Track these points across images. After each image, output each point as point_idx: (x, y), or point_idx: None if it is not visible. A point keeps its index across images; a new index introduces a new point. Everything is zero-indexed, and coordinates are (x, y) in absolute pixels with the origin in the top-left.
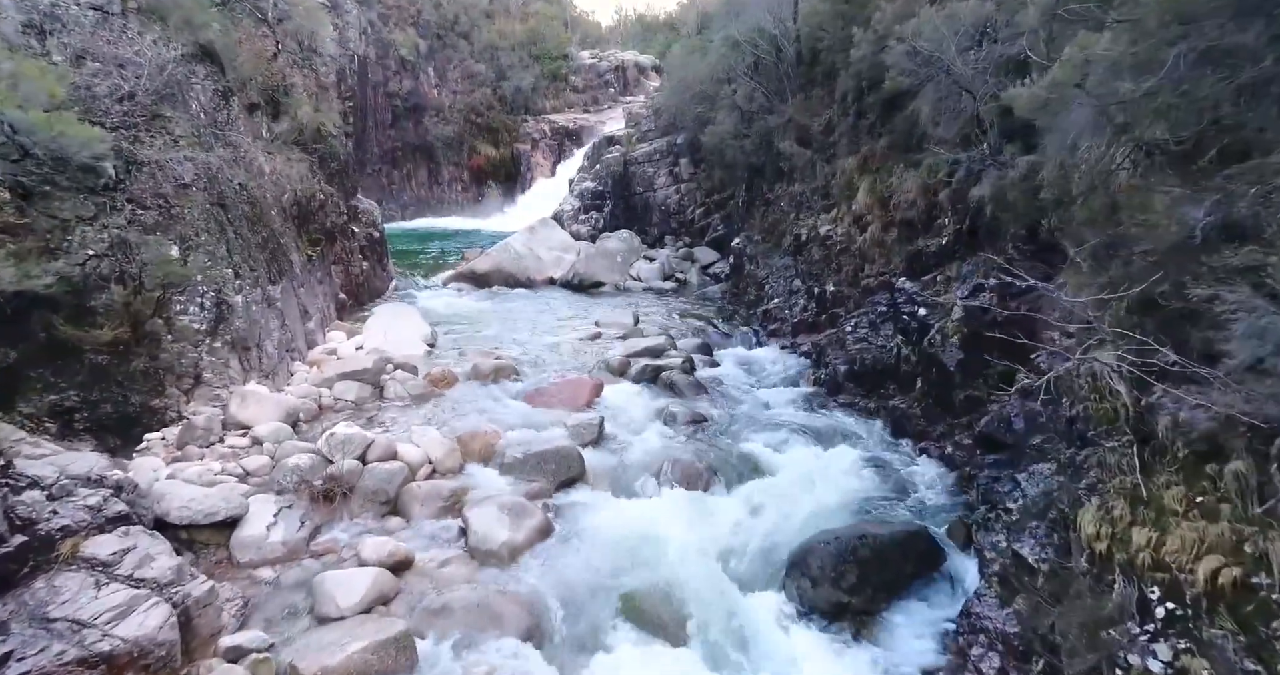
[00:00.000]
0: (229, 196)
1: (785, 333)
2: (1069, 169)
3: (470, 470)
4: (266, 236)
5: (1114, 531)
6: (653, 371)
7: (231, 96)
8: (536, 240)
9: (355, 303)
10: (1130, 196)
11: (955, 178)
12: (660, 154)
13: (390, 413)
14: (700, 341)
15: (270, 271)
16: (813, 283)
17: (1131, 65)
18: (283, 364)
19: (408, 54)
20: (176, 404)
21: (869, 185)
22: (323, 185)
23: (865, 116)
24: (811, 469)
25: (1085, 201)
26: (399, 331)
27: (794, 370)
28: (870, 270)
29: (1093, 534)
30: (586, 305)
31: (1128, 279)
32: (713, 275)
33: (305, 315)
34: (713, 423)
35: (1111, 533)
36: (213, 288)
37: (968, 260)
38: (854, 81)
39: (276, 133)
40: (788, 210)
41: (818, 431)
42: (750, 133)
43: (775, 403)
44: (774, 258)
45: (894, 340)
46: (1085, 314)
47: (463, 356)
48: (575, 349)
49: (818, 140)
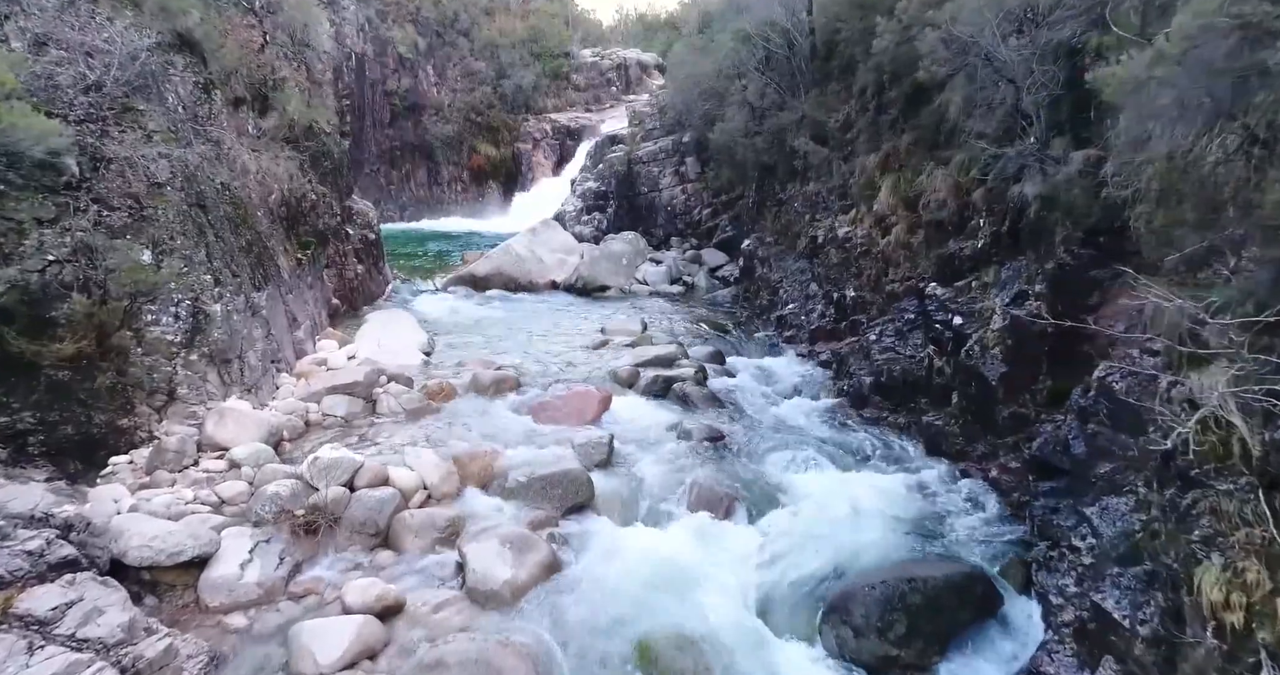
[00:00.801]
0: (209, 196)
1: (802, 340)
2: (1154, 162)
3: (469, 496)
4: (251, 239)
5: (1250, 601)
6: (664, 383)
7: (213, 89)
8: (538, 242)
9: (349, 308)
10: (1241, 192)
11: (991, 175)
12: (665, 153)
13: (383, 430)
14: (712, 349)
15: (255, 277)
16: (831, 287)
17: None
18: (267, 377)
19: (406, 51)
20: (147, 423)
21: (892, 184)
22: (314, 185)
23: (886, 112)
24: (842, 493)
25: (1176, 200)
26: (394, 340)
27: (813, 381)
28: (895, 274)
29: (1220, 601)
30: (591, 310)
31: (1250, 291)
32: (721, 278)
33: (294, 323)
34: (731, 440)
35: (1247, 602)
36: (189, 295)
37: (1007, 264)
38: (874, 75)
39: (264, 129)
40: (802, 211)
41: (845, 450)
42: (762, 130)
43: (796, 417)
44: (787, 260)
45: (925, 350)
46: (1181, 328)
47: (461, 367)
48: (581, 358)
49: (834, 137)
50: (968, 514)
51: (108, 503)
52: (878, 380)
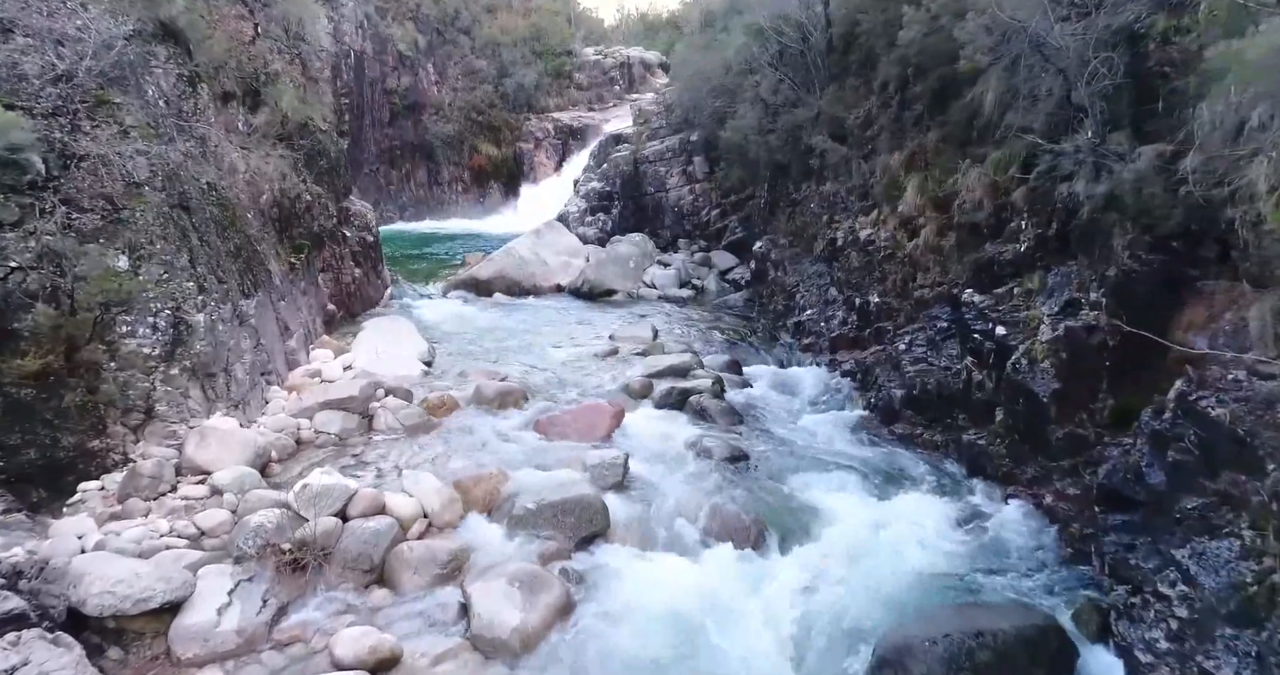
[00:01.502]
0: (193, 197)
1: (822, 348)
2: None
3: (472, 524)
4: (240, 243)
5: None
6: (679, 395)
7: (199, 83)
8: (543, 244)
9: (346, 314)
10: None
11: (1034, 174)
12: (672, 152)
13: (379, 449)
14: (728, 358)
15: (243, 283)
16: (852, 293)
17: None
18: (256, 391)
19: (406, 49)
20: (121, 445)
21: (918, 184)
22: (309, 185)
23: (911, 107)
24: (881, 520)
25: None
26: (392, 349)
27: (837, 392)
28: (924, 280)
29: None
30: (598, 315)
31: None
32: (732, 281)
33: (285, 332)
34: (754, 459)
35: None
36: (169, 304)
37: (1054, 270)
38: (898, 69)
39: (255, 126)
40: (819, 212)
41: (879, 470)
42: (775, 128)
43: (822, 433)
44: (803, 263)
45: (962, 362)
46: None
47: (464, 378)
48: (590, 367)
49: (854, 135)
50: (1022, 546)
51: (70, 539)
52: (910, 393)
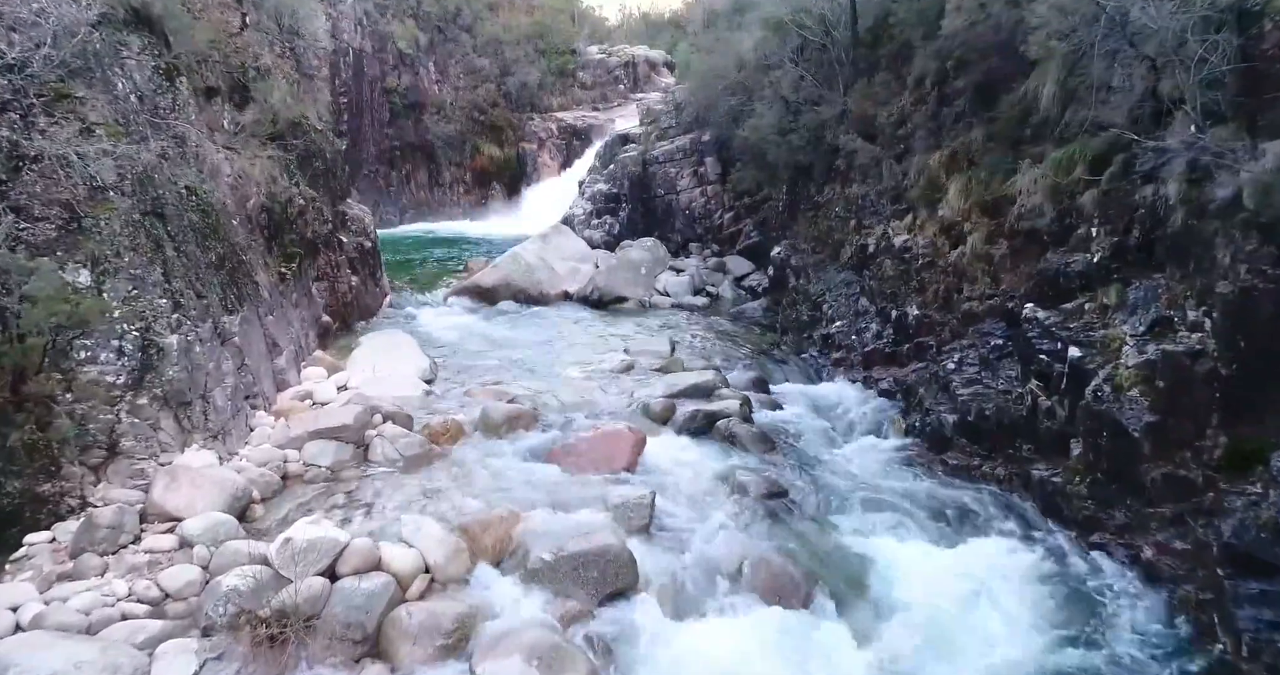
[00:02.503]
0: (169, 203)
1: (854, 364)
2: None
3: (482, 577)
4: (223, 253)
5: None
6: (705, 419)
7: (178, 76)
8: (549, 249)
9: (342, 325)
10: None
11: (1107, 175)
12: (683, 153)
13: (376, 484)
14: (754, 375)
15: (226, 298)
16: (887, 304)
17: None
18: (239, 418)
19: (406, 47)
20: (78, 488)
21: (961, 186)
22: (302, 188)
23: (951, 103)
24: (950, 572)
25: None
26: (391, 366)
27: (875, 414)
28: (972, 291)
29: None
30: (610, 325)
31: None
32: (749, 289)
33: (274, 350)
34: (795, 495)
35: None
36: (137, 325)
37: (1137, 284)
38: (936, 62)
39: (242, 124)
40: (845, 216)
41: (937, 509)
42: (797, 127)
43: (865, 462)
44: (829, 271)
45: (1025, 386)
46: None
47: (469, 398)
48: (604, 385)
49: (884, 134)
50: (1123, 612)
51: (2, 613)
52: (963, 419)
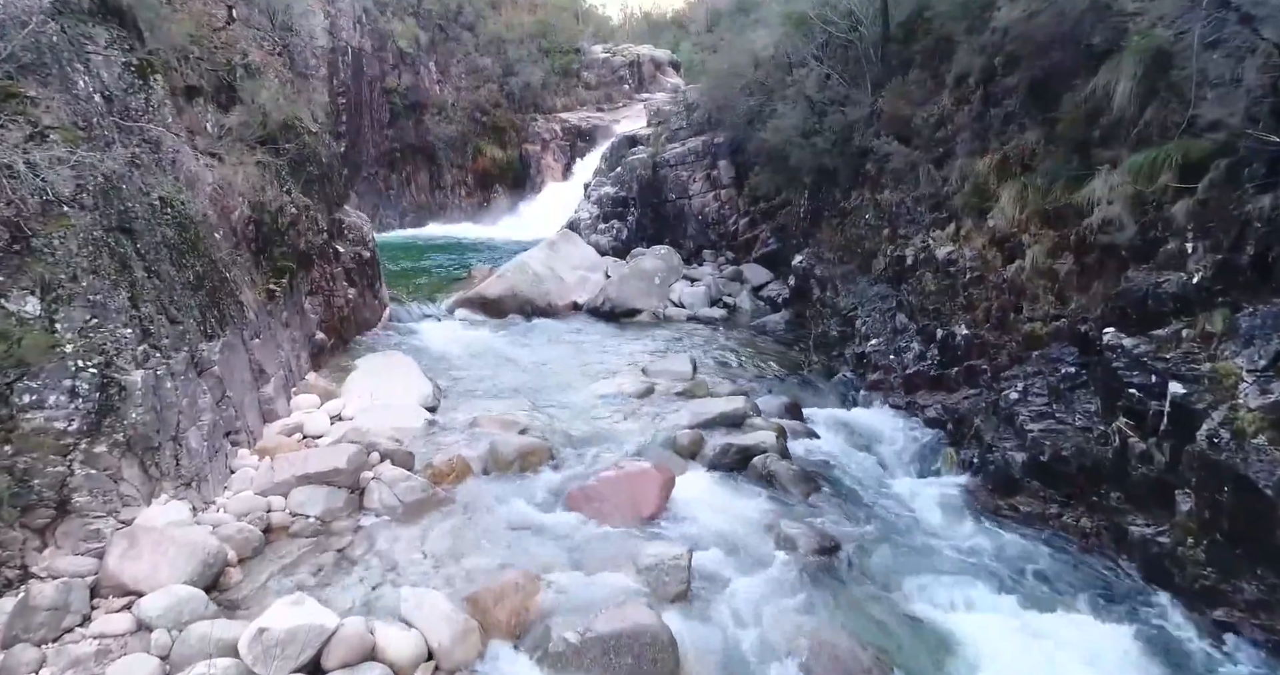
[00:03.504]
0: (139, 217)
1: (894, 387)
2: None
3: (495, 660)
4: (202, 271)
5: None
6: (738, 454)
7: (152, 74)
8: (558, 258)
9: (339, 341)
10: None
11: (1206, 181)
12: (695, 155)
13: (372, 540)
14: (785, 400)
15: (206, 322)
16: (930, 322)
17: None
18: (217, 460)
19: (407, 46)
20: (18, 555)
21: (1015, 193)
22: (295, 195)
23: (1000, 103)
24: (1041, 653)
25: None
26: (390, 391)
27: (923, 446)
28: (1032, 311)
29: None
30: (623, 340)
31: None
32: (768, 299)
33: (260, 377)
34: (848, 551)
35: None
36: (95, 361)
37: (1250, 309)
38: (982, 58)
39: (227, 127)
40: (876, 224)
41: (1014, 568)
42: (822, 128)
43: (922, 506)
44: (859, 283)
45: (1110, 423)
46: None
47: (475, 429)
48: (623, 411)
49: (921, 136)
50: None
51: None
52: (1034, 459)
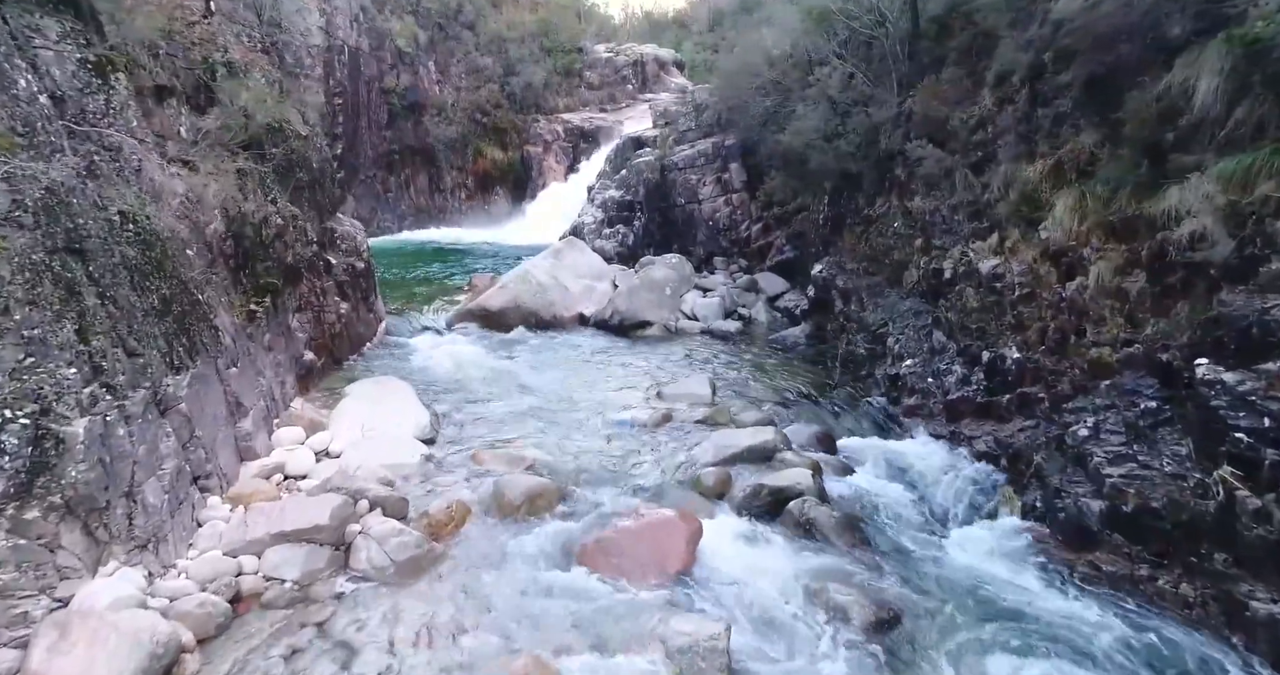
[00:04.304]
0: (92, 234)
1: (935, 413)
2: None
3: None
4: (170, 294)
5: None
6: (771, 497)
7: (113, 73)
8: (562, 267)
9: (330, 360)
10: None
11: None
12: (705, 158)
13: (356, 607)
14: (816, 429)
15: (172, 352)
16: (973, 342)
17: None
18: (181, 514)
19: (405, 45)
20: None
21: (1073, 202)
22: (282, 204)
23: (1050, 103)
24: None
25: None
26: (383, 422)
27: (976, 485)
28: (1098, 335)
29: None
30: (634, 356)
31: None
32: (785, 310)
33: (236, 411)
34: (910, 622)
35: None
36: (28, 409)
37: None
38: (1029, 53)
39: (204, 131)
40: (906, 233)
41: (1104, 647)
42: (845, 131)
43: (985, 563)
44: (888, 296)
45: (1211, 472)
46: None
47: (477, 465)
48: (638, 442)
49: (958, 138)
50: None
51: None
52: (1114, 509)
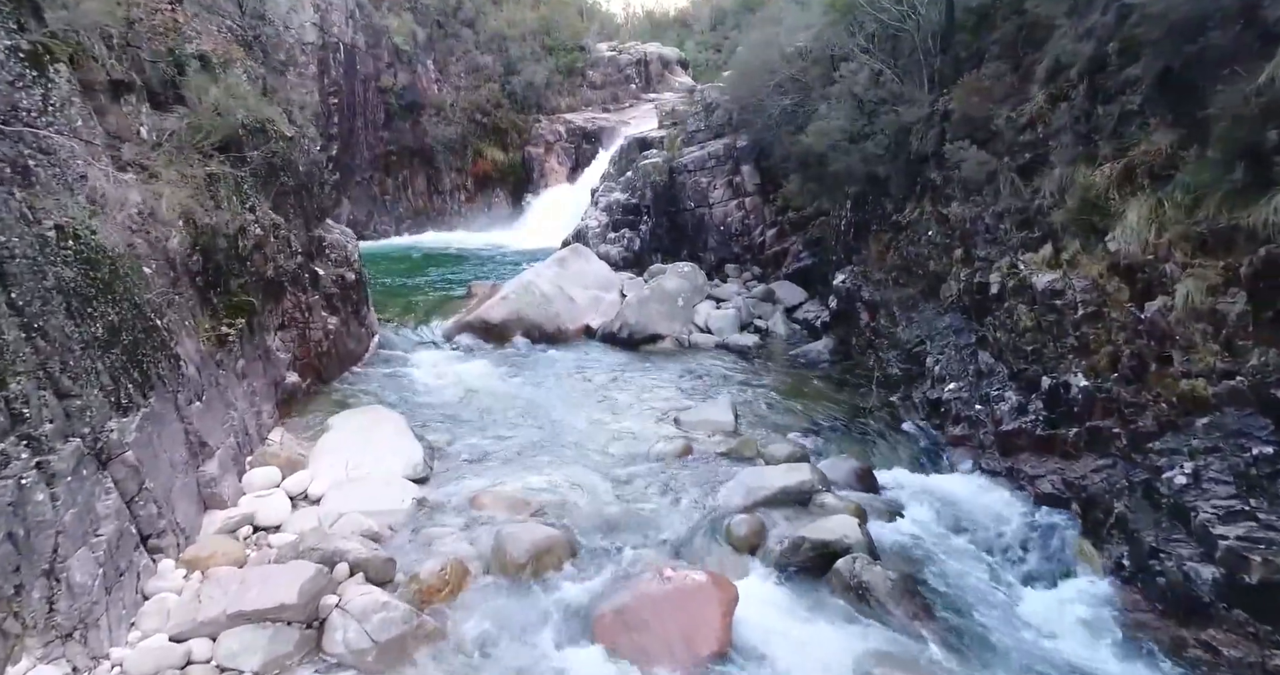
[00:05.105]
0: (18, 255)
1: (985, 445)
2: None
3: None
4: (119, 321)
5: None
6: (813, 552)
7: (53, 64)
8: (567, 276)
9: (316, 381)
10: None
11: None
12: (716, 160)
13: None
14: (854, 465)
15: (119, 390)
16: (1028, 365)
17: None
18: (121, 590)
19: (403, 43)
20: None
21: (1149, 210)
22: (261, 212)
23: (1114, 98)
24: None
25: None
26: (371, 459)
27: (1044, 534)
28: (1189, 364)
29: None
30: (646, 374)
31: None
32: (804, 323)
33: (201, 451)
34: None
35: None
36: None
37: None
38: (1090, 44)
39: (168, 131)
40: (942, 242)
41: None
42: (873, 131)
43: (1073, 638)
44: (923, 311)
45: None
46: None
47: (476, 511)
48: (656, 480)
49: (1004, 139)
50: None
51: None
52: (1231, 577)
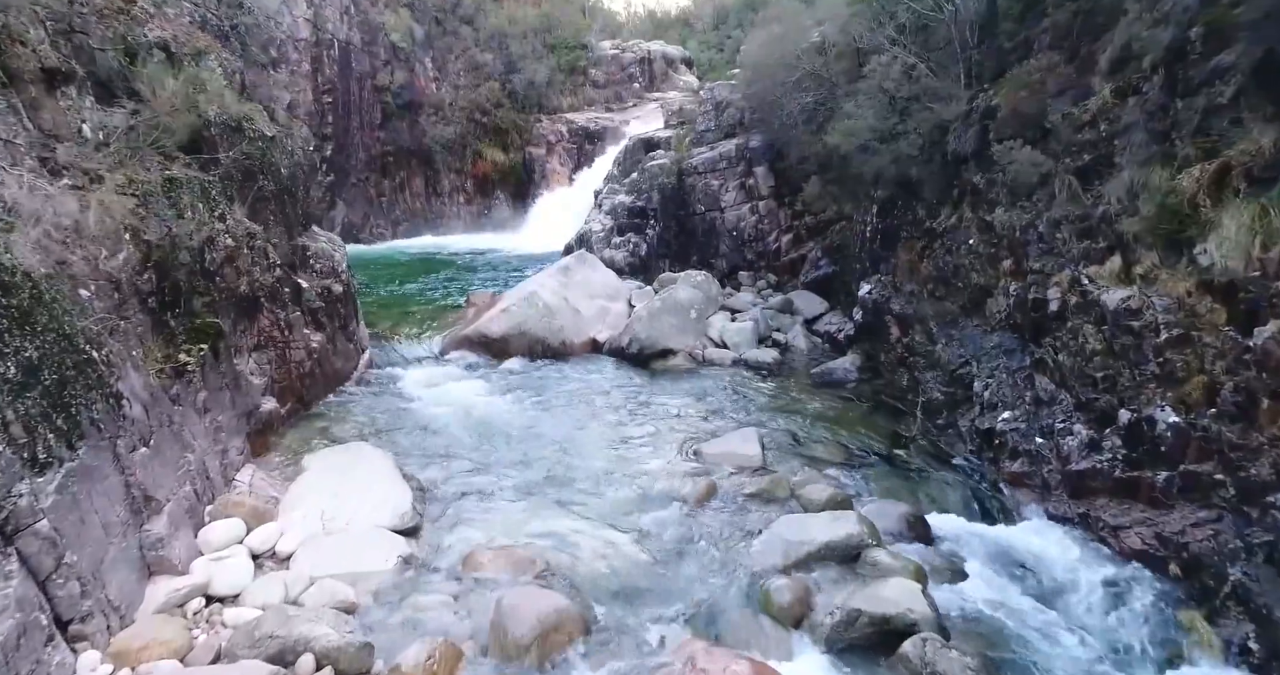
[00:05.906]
0: None
1: (1051, 486)
2: None
3: None
4: (41, 356)
5: None
6: (871, 628)
7: None
8: (572, 286)
9: (297, 405)
10: None
11: None
12: (727, 161)
13: None
14: (903, 510)
15: (35, 443)
16: (1098, 394)
17: None
18: None
19: (400, 40)
20: None
21: (1249, 219)
22: (234, 221)
23: (1196, 91)
24: None
25: None
26: (351, 506)
27: (1139, 603)
28: None
29: None
30: (659, 396)
31: None
32: (825, 336)
33: (145, 508)
34: None
35: None
36: None
37: None
38: (1168, 29)
39: (116, 128)
40: (985, 252)
41: None
42: (905, 130)
43: None
44: (965, 328)
45: None
46: None
47: (472, 572)
48: (680, 529)
49: (1060, 138)
50: None
51: None
52: None
